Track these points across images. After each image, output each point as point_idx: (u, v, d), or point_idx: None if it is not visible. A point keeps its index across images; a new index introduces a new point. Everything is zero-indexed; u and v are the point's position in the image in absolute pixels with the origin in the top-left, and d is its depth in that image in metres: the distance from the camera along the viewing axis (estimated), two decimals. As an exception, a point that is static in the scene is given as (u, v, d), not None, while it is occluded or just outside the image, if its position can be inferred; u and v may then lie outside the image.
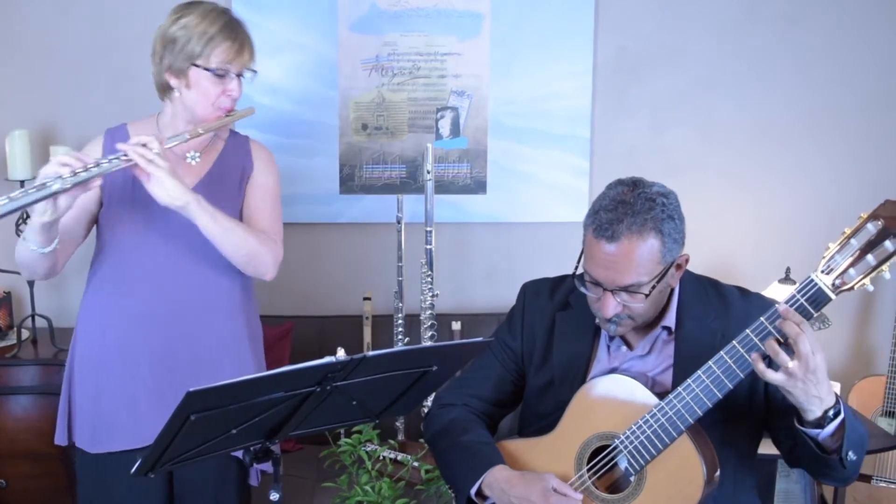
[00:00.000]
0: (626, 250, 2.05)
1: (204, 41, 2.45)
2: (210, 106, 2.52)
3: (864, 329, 4.21)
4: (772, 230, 4.10)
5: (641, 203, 2.06)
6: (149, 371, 2.53)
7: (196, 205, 2.38)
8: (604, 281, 2.09)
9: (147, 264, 2.53)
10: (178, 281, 2.54)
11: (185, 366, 2.54)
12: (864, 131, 4.09)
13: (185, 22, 2.47)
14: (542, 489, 2.12)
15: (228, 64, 2.49)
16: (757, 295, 2.28)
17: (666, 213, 2.07)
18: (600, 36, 3.96)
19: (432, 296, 3.49)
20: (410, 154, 3.96)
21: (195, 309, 2.55)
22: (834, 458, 1.97)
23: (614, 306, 2.11)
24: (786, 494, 3.84)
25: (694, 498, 2.03)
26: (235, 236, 2.47)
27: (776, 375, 1.88)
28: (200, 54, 2.46)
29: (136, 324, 2.53)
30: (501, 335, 2.45)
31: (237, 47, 2.50)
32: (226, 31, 2.48)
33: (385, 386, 2.04)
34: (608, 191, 2.13)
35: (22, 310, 3.89)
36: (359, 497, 2.82)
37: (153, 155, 2.33)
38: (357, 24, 3.86)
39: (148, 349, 2.53)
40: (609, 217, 2.06)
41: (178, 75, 2.50)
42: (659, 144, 4.05)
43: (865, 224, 1.87)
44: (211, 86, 2.50)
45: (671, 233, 2.07)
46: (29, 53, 3.81)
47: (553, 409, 2.25)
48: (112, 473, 2.56)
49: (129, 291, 2.53)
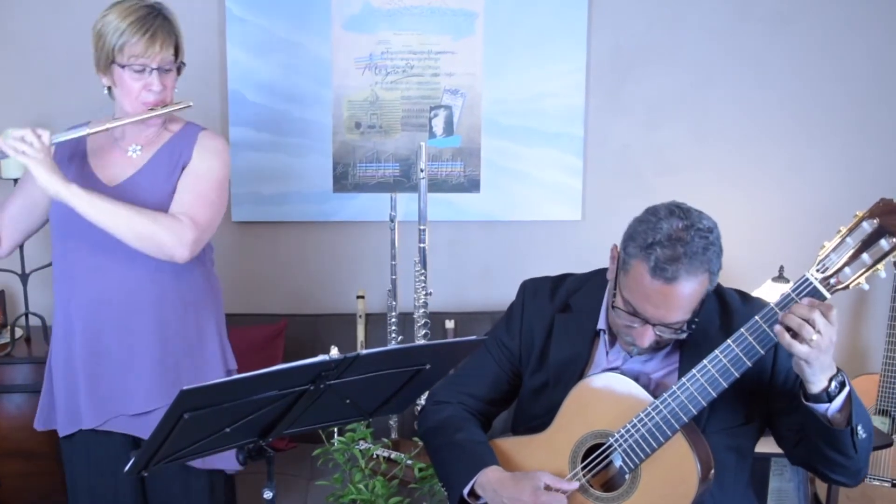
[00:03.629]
0: (682, 291, 2.02)
1: (116, 37, 2.46)
2: (134, 101, 2.53)
3: (858, 328, 4.22)
4: (765, 229, 4.11)
5: (697, 241, 2.01)
6: (81, 358, 2.59)
7: (68, 192, 2.41)
8: (650, 317, 2.06)
9: (78, 256, 2.58)
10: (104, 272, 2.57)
11: (115, 353, 2.58)
12: (858, 129, 4.09)
13: (106, 21, 2.50)
14: (533, 488, 2.12)
15: (143, 59, 2.48)
16: (758, 299, 2.27)
17: (716, 250, 2.05)
18: (594, 34, 3.96)
19: (426, 294, 3.49)
20: (404, 152, 3.95)
21: (122, 302, 2.57)
22: (845, 431, 1.96)
23: (651, 338, 2.09)
24: (779, 493, 3.84)
25: (688, 496, 2.04)
26: (121, 219, 2.45)
27: (801, 347, 1.87)
28: (115, 51, 2.48)
29: (74, 313, 2.59)
30: (499, 334, 2.44)
31: (148, 41, 2.47)
32: (136, 25, 2.46)
33: (378, 384, 2.04)
34: (659, 222, 2.05)
35: (15, 308, 3.88)
36: (352, 495, 2.82)
37: (25, 146, 2.39)
38: (350, 22, 3.86)
39: (81, 338, 2.58)
40: (667, 255, 2.00)
41: (105, 73, 2.54)
42: (652, 143, 4.05)
43: (861, 223, 1.87)
44: (131, 81, 2.50)
45: (717, 270, 2.06)
46: (23, 51, 3.80)
47: (546, 412, 2.25)
48: (79, 455, 2.67)
49: (66, 282, 2.61)
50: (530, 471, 2.20)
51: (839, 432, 1.97)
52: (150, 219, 2.48)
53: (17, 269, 3.67)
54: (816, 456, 2.08)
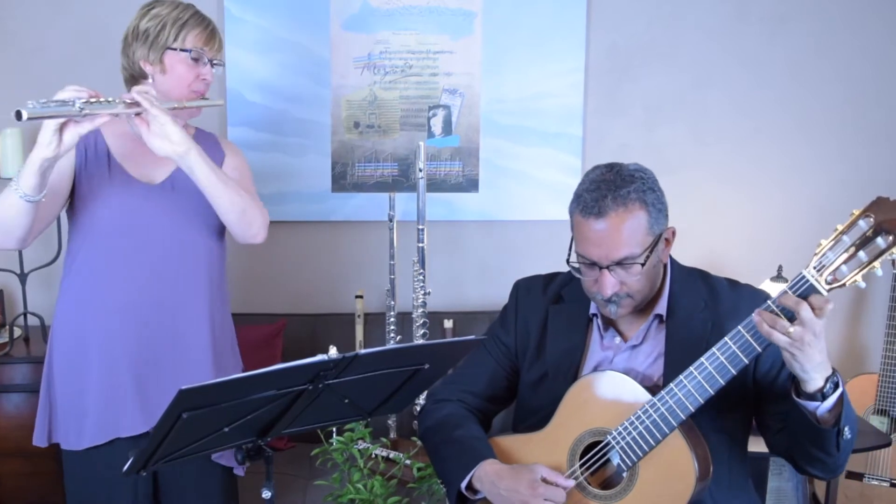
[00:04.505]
0: (616, 224, 2.09)
1: (178, 26, 2.53)
2: (186, 89, 2.57)
3: (857, 327, 4.22)
4: (763, 228, 4.11)
5: (621, 180, 2.12)
6: (127, 363, 2.51)
7: (196, 153, 2.40)
8: (598, 258, 2.12)
9: (126, 249, 2.51)
10: (157, 269, 2.53)
11: (165, 357, 2.54)
12: (856, 129, 4.10)
13: (156, 13, 2.55)
14: (530, 480, 2.13)
15: (202, 48, 2.57)
16: (747, 286, 2.30)
17: (646, 185, 2.13)
18: (592, 34, 3.97)
19: (424, 294, 3.49)
20: (402, 152, 3.96)
21: (174, 299, 2.54)
22: (832, 431, 1.97)
23: (612, 284, 2.13)
24: (777, 493, 3.84)
25: (686, 494, 2.04)
26: (231, 190, 2.49)
27: (780, 337, 1.89)
28: (176, 38, 2.53)
29: (115, 312, 2.50)
30: (495, 331, 2.46)
31: (209, 33, 2.59)
32: (197, 17, 2.58)
33: (377, 384, 2.04)
34: (586, 176, 2.20)
35: (14, 308, 3.88)
36: (351, 495, 2.82)
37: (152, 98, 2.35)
38: (349, 22, 3.86)
39: (126, 340, 2.51)
40: (593, 196, 2.11)
41: (153, 62, 2.55)
42: (651, 142, 4.05)
43: (857, 221, 1.87)
44: (186, 69, 2.56)
45: (654, 203, 2.13)
46: (21, 51, 3.81)
47: (547, 404, 2.26)
48: (99, 466, 2.56)
49: (107, 278, 2.51)
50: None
51: (825, 431, 1.97)
52: (246, 196, 2.55)
53: (15, 269, 3.67)
54: (797, 449, 2.10)
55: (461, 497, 2.26)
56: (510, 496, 2.14)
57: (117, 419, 2.51)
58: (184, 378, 2.40)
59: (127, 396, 2.51)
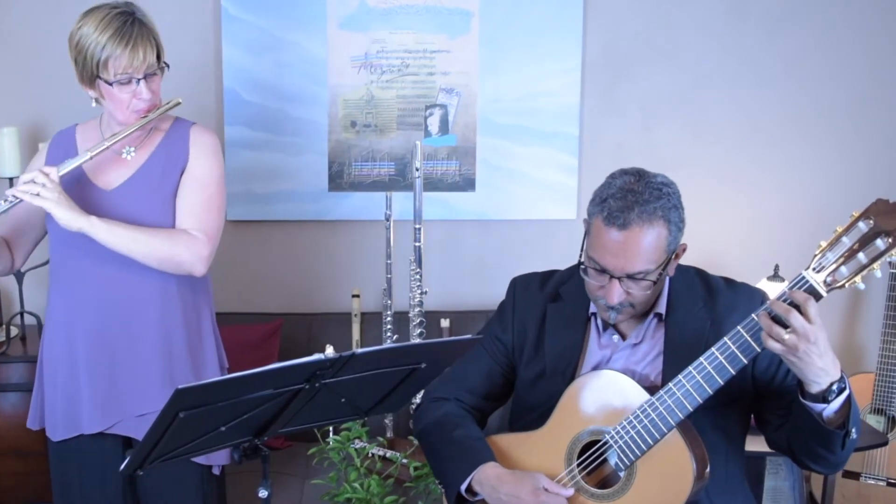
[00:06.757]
0: (637, 238, 2.07)
1: (98, 53, 2.45)
2: (126, 111, 2.52)
3: (854, 326, 4.23)
4: (761, 228, 4.11)
5: (650, 192, 2.09)
6: (85, 364, 2.57)
7: (90, 226, 2.42)
8: (612, 268, 2.11)
9: (78, 255, 2.55)
10: (108, 273, 2.55)
11: (119, 359, 2.57)
12: (854, 129, 4.09)
13: (80, 37, 2.48)
14: (533, 487, 2.12)
15: (128, 71, 2.47)
16: (744, 284, 2.30)
17: (672, 202, 2.11)
18: (589, 33, 3.96)
19: (421, 293, 3.49)
20: (399, 151, 3.95)
21: (127, 304, 2.57)
22: (838, 432, 1.97)
23: (619, 294, 2.13)
24: (774, 492, 3.84)
25: (683, 494, 2.04)
26: (141, 245, 2.47)
27: (775, 344, 1.89)
28: (99, 67, 2.46)
29: (76, 318, 2.57)
30: (492, 329, 2.46)
31: (130, 53, 2.45)
32: (115, 37, 2.44)
33: (374, 383, 2.04)
34: (613, 180, 2.15)
35: (10, 307, 3.88)
36: (347, 494, 2.83)
37: (38, 188, 2.39)
38: (346, 21, 3.85)
39: (84, 342, 2.57)
40: (619, 205, 2.08)
41: (90, 87, 2.53)
42: (648, 141, 4.05)
43: (857, 222, 1.87)
44: (119, 94, 2.49)
45: (677, 222, 2.12)
46: (18, 51, 3.80)
47: (544, 401, 2.26)
48: (73, 458, 2.65)
49: (66, 281, 2.59)
50: (527, 468, 2.21)
51: (831, 432, 1.97)
52: (168, 240, 2.51)
53: (12, 268, 3.67)
54: (800, 445, 2.10)
55: (460, 498, 2.25)
56: (511, 501, 2.14)
57: (79, 416, 2.59)
58: (134, 382, 2.56)
59: (85, 396, 2.57)
